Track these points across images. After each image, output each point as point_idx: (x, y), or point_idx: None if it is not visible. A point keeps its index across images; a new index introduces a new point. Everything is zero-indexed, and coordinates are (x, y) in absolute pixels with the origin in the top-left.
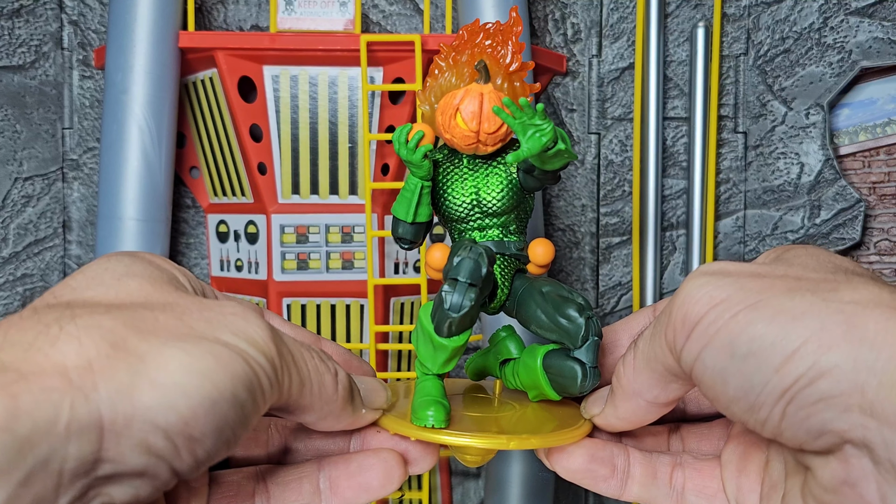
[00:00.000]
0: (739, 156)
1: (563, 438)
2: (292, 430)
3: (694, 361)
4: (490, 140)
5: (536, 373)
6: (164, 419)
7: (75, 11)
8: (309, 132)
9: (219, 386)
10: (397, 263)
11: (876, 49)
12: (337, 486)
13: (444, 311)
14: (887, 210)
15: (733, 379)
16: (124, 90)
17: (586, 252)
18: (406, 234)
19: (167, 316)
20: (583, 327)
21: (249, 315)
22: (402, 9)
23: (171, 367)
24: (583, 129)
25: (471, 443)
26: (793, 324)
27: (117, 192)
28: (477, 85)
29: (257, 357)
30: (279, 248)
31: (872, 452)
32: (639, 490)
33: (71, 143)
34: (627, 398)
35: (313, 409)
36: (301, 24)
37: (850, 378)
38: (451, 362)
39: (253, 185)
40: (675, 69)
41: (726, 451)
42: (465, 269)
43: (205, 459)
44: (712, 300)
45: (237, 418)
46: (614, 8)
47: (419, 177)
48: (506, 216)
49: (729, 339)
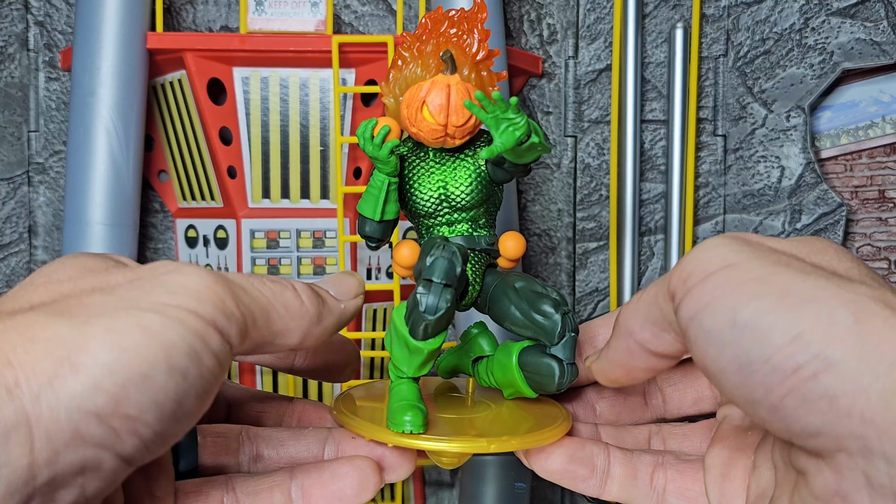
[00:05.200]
0: (719, 159)
1: (542, 439)
2: (264, 437)
3: (690, 320)
4: (458, 133)
5: (512, 371)
6: (92, 402)
7: (41, 12)
8: (280, 135)
9: (149, 358)
10: (370, 269)
11: (858, 50)
12: (309, 495)
13: (420, 313)
14: (869, 214)
15: (729, 349)
16: (91, 92)
17: (562, 257)
18: (374, 232)
19: (95, 295)
20: (559, 324)
21: (184, 267)
22: (374, 9)
23: (93, 347)
24: (559, 132)
25: (448, 447)
26: (802, 305)
27: (84, 197)
28: (443, 76)
29: (201, 308)
30: (249, 254)
31: (868, 464)
32: (618, 490)
33: (37, 146)
34: (620, 335)
35: (290, 330)
36: (272, 24)
37: (854, 377)
38: (427, 365)
39: (222, 189)
40: (654, 71)
41: (710, 454)
42: (439, 270)
43: (153, 438)
44: (724, 262)
45: (181, 389)
46: (591, 8)
47: (386, 173)
48: (475, 210)
49: (732, 307)
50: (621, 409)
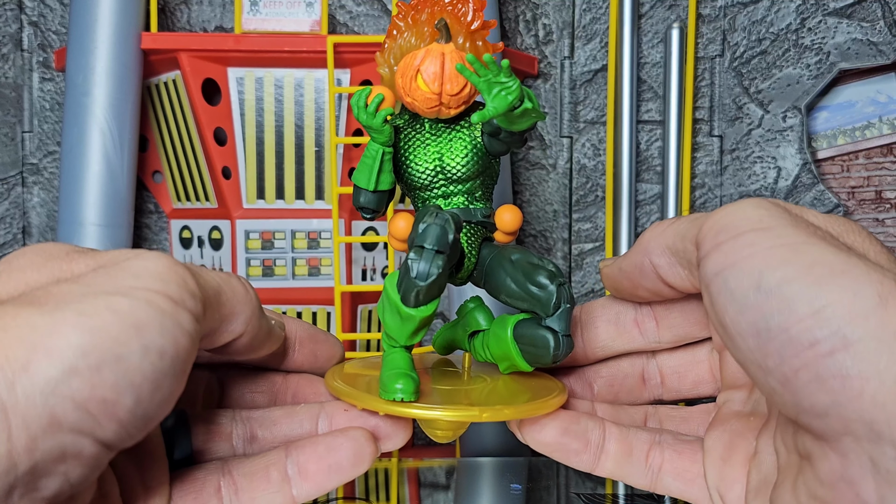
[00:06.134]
0: (715, 160)
1: (537, 409)
2: (256, 417)
3: (715, 276)
4: (453, 102)
5: (507, 344)
6: (67, 387)
7: (35, 12)
8: (274, 135)
9: (121, 339)
10: (364, 270)
11: (855, 50)
12: (306, 470)
13: (411, 279)
14: (866, 215)
15: (750, 312)
16: (85, 93)
17: (558, 259)
18: (368, 202)
19: (61, 285)
20: (554, 294)
21: (144, 252)
22: (369, 9)
23: (65, 331)
24: (555, 132)
25: (441, 415)
26: (828, 278)
27: (78, 197)
28: (437, 45)
29: (168, 289)
30: (244, 255)
31: (875, 449)
32: (612, 466)
33: (31, 146)
34: (638, 252)
35: (236, 315)
36: (266, 25)
37: (871, 359)
38: (419, 333)
39: (217, 189)
40: (650, 71)
41: (710, 437)
42: (431, 236)
43: (132, 421)
44: (760, 223)
45: (157, 368)
46: (587, 8)
47: (380, 142)
48: (471, 182)
49: (759, 270)
50: (619, 388)
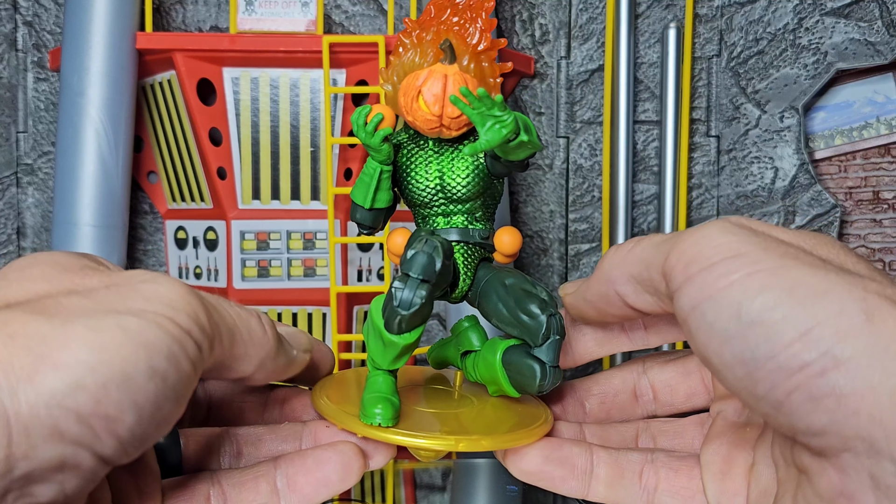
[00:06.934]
0: (712, 160)
1: (516, 440)
2: (242, 434)
3: (692, 310)
4: (454, 125)
5: (495, 369)
6: (72, 400)
7: (30, 12)
8: (270, 136)
9: (130, 359)
10: (360, 270)
11: (852, 50)
12: (295, 482)
13: (394, 307)
14: (864, 216)
15: (734, 343)
16: (80, 93)
17: (555, 259)
18: (364, 219)
19: (72, 298)
20: (544, 325)
21: (160, 277)
22: (365, 9)
23: (74, 346)
24: (551, 132)
25: (417, 444)
26: (811, 300)
27: (73, 198)
28: (441, 65)
29: (177, 316)
30: (239, 255)
31: (874, 465)
32: (605, 490)
33: (25, 147)
34: (601, 282)
35: (248, 356)
36: (262, 24)
37: (864, 375)
38: (402, 359)
39: (212, 190)
40: (646, 71)
41: (707, 451)
42: (417, 265)
43: (131, 440)
44: (731, 250)
45: (161, 391)
46: (583, 8)
47: (378, 161)
48: (471, 202)
49: (738, 300)
50: (611, 405)
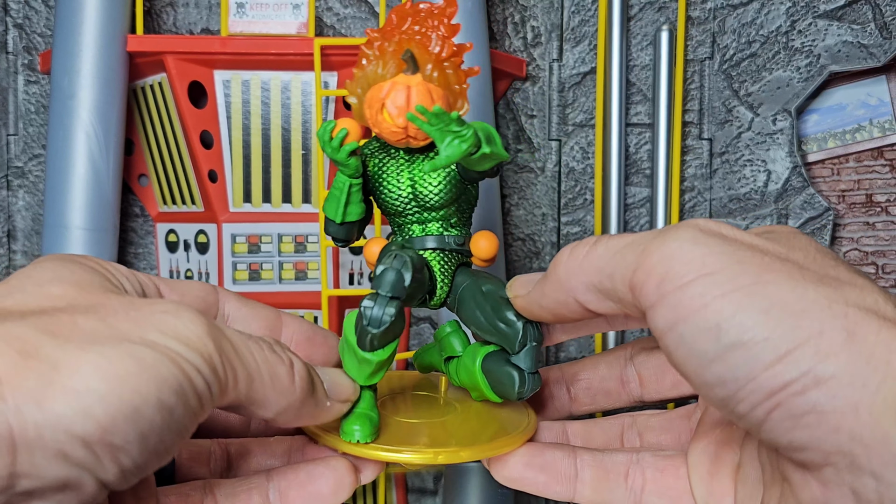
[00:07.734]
0: (704, 163)
1: (495, 449)
2: (235, 447)
3: (669, 330)
4: (420, 135)
5: (476, 377)
6: (80, 427)
7: (20, 14)
8: (261, 139)
9: (140, 391)
10: (352, 274)
11: (845, 53)
12: (287, 496)
13: (364, 326)
14: (857, 219)
15: (715, 365)
16: (71, 95)
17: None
18: (337, 233)
19: (89, 319)
20: (520, 332)
21: (182, 311)
22: (356, 12)
23: (86, 373)
24: (543, 135)
25: (397, 458)
26: (790, 320)
27: (64, 201)
28: (404, 76)
29: (189, 355)
30: (230, 259)
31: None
32: (591, 494)
33: (16, 149)
34: (559, 289)
35: (268, 402)
36: (253, 27)
37: (845, 393)
38: (378, 374)
39: (203, 193)
40: (639, 74)
41: (695, 450)
42: (385, 282)
43: (132, 468)
44: (703, 268)
45: (166, 425)
46: (575, 11)
47: (347, 175)
48: (445, 209)
49: (716, 322)
50: (597, 392)
